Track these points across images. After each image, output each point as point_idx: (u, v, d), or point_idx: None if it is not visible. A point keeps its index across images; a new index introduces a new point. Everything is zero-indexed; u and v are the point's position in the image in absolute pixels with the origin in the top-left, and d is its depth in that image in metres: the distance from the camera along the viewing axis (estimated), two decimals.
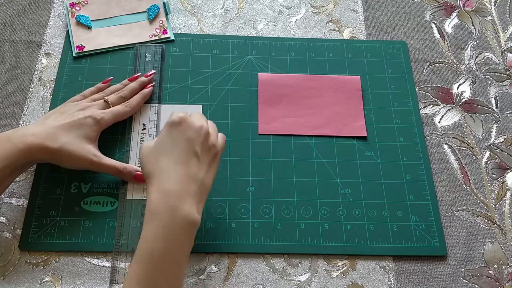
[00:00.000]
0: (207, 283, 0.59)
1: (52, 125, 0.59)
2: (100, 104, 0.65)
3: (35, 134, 0.57)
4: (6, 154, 0.55)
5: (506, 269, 0.63)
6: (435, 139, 0.71)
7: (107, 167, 0.61)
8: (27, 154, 0.56)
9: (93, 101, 0.65)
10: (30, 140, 0.57)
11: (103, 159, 0.61)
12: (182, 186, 0.51)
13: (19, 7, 0.77)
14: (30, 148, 0.56)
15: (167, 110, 0.69)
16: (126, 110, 0.66)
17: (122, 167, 0.62)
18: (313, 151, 0.68)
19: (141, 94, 0.68)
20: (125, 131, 0.67)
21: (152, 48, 0.73)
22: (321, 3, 0.83)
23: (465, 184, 0.68)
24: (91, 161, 0.60)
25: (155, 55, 0.72)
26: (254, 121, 0.70)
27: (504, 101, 0.75)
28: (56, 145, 0.58)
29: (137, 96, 0.67)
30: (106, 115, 0.63)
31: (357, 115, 0.72)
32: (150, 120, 0.68)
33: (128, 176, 0.62)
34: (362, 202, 0.65)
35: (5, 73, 0.72)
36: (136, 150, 0.66)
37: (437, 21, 0.82)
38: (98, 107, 0.64)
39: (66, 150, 0.58)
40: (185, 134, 0.53)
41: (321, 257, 0.62)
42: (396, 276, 0.61)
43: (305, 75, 0.74)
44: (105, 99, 0.65)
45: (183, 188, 0.51)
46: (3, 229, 0.61)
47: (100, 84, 0.69)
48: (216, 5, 0.81)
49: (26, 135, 0.57)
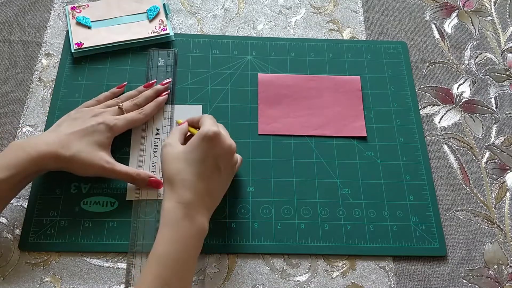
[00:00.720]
0: (207, 283, 0.59)
1: (65, 132, 0.60)
2: (114, 110, 0.64)
3: (48, 143, 0.58)
4: (18, 161, 0.55)
5: (506, 269, 0.63)
6: (435, 139, 0.71)
7: (120, 173, 0.61)
8: (39, 162, 0.57)
9: (107, 107, 0.65)
10: (43, 149, 0.57)
11: (116, 165, 0.61)
12: (200, 199, 0.53)
13: (19, 7, 0.77)
14: (43, 157, 0.57)
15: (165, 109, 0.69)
16: (140, 117, 0.65)
17: (135, 173, 0.62)
18: (313, 151, 0.68)
19: (155, 102, 0.67)
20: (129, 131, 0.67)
21: (165, 53, 0.73)
22: (321, 4, 0.83)
23: (465, 184, 0.68)
24: (103, 168, 0.60)
25: (168, 60, 0.72)
26: (254, 121, 0.70)
27: (504, 102, 0.75)
28: (69, 153, 0.58)
29: (152, 104, 0.67)
30: (119, 122, 0.63)
31: (357, 115, 0.72)
32: (163, 125, 0.67)
33: (142, 183, 0.62)
34: (362, 203, 0.65)
35: (5, 73, 0.72)
36: (150, 156, 0.65)
37: (437, 22, 0.82)
38: (112, 113, 0.64)
39: (79, 158, 0.58)
40: (215, 150, 0.55)
41: (321, 257, 0.62)
42: (396, 276, 0.61)
43: (305, 76, 0.74)
44: (119, 105, 0.65)
45: (201, 201, 0.53)
46: (2, 229, 0.61)
47: (115, 89, 0.69)
48: (216, 5, 0.81)
49: (39, 144, 0.57)
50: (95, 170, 0.60)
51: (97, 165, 0.59)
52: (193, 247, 0.52)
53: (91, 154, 0.59)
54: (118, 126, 0.63)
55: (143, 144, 0.66)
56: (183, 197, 0.53)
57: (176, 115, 0.69)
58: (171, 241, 0.51)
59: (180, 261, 0.50)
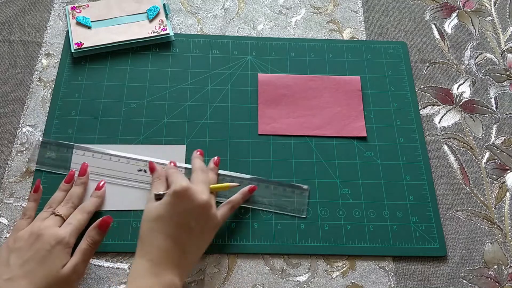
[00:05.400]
0: (207, 283, 0.59)
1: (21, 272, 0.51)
2: (55, 221, 0.56)
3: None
4: None
5: (506, 269, 0.63)
6: (435, 139, 0.71)
7: (84, 253, 0.54)
8: None
9: (42, 219, 0.56)
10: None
11: (78, 257, 0.54)
12: (168, 258, 0.52)
13: (19, 7, 0.77)
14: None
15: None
16: (86, 216, 0.58)
17: (91, 242, 0.55)
18: (313, 152, 0.68)
19: (96, 196, 0.61)
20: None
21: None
22: (321, 4, 0.83)
23: (465, 184, 0.68)
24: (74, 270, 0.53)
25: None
26: (254, 121, 0.70)
27: (504, 102, 0.75)
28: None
29: (93, 200, 0.60)
30: (70, 230, 0.55)
31: (357, 115, 0.72)
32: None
33: (98, 234, 0.56)
34: (362, 203, 0.65)
35: (5, 73, 0.72)
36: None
37: (437, 22, 0.82)
38: (54, 224, 0.55)
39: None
40: (185, 205, 0.54)
41: (321, 257, 0.62)
42: (396, 276, 0.61)
43: (305, 76, 0.74)
44: (56, 213, 0.57)
45: (168, 259, 0.52)
46: (2, 229, 0.61)
47: (32, 194, 0.60)
48: (216, 6, 0.81)
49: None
50: (77, 277, 0.54)
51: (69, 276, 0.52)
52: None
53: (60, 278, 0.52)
54: (73, 236, 0.55)
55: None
56: (149, 254, 0.52)
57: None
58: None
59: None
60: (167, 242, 0.53)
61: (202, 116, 0.70)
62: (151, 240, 0.53)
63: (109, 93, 0.71)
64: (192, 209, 0.54)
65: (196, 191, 0.55)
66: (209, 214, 0.56)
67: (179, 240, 0.53)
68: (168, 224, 0.54)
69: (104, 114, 0.69)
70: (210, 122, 0.69)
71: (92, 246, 0.55)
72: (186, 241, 0.54)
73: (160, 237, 0.53)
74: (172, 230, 0.54)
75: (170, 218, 0.54)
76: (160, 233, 0.53)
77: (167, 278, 0.51)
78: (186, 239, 0.54)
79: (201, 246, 0.56)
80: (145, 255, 0.53)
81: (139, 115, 0.69)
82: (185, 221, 0.54)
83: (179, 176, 0.58)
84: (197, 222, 0.55)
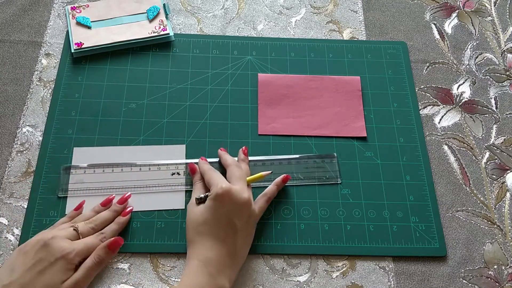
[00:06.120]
0: None
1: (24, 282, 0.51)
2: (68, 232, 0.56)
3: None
4: None
5: (506, 269, 0.63)
6: (435, 139, 0.71)
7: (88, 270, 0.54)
8: None
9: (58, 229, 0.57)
10: None
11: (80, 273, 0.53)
12: (219, 260, 0.54)
13: (19, 7, 0.77)
14: None
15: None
16: (99, 243, 0.56)
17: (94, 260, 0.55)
18: (313, 152, 0.68)
19: (117, 224, 0.60)
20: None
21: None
22: (321, 4, 0.83)
23: (465, 184, 0.68)
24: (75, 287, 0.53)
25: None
26: (254, 121, 0.70)
27: (504, 102, 0.75)
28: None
29: (113, 226, 0.59)
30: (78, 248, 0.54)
31: (357, 115, 0.72)
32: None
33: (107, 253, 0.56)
34: (362, 203, 0.65)
35: (5, 73, 0.72)
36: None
37: (437, 22, 0.82)
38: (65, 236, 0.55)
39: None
40: (228, 207, 0.56)
41: (321, 257, 0.62)
42: (396, 276, 0.61)
43: (305, 76, 0.74)
44: (74, 227, 0.57)
45: (220, 261, 0.54)
46: (2, 229, 0.61)
47: (72, 211, 0.61)
48: (216, 6, 0.81)
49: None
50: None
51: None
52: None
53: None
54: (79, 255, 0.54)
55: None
56: (202, 256, 0.54)
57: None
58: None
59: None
60: (216, 244, 0.55)
61: (202, 116, 0.70)
62: (201, 243, 0.55)
63: (109, 93, 0.71)
64: (235, 209, 0.56)
65: (237, 191, 0.56)
66: (250, 211, 0.58)
67: (227, 241, 0.55)
68: (216, 227, 0.55)
69: (104, 114, 0.69)
70: (210, 122, 0.69)
71: (97, 264, 0.55)
72: (233, 241, 0.56)
73: (210, 240, 0.55)
74: (220, 232, 0.55)
75: (216, 221, 0.56)
76: (209, 236, 0.55)
77: (219, 280, 0.53)
78: (233, 239, 0.56)
79: (247, 242, 0.58)
80: (198, 256, 0.54)
81: (139, 115, 0.69)
82: (230, 221, 0.56)
83: (217, 176, 0.59)
84: (241, 221, 0.56)
